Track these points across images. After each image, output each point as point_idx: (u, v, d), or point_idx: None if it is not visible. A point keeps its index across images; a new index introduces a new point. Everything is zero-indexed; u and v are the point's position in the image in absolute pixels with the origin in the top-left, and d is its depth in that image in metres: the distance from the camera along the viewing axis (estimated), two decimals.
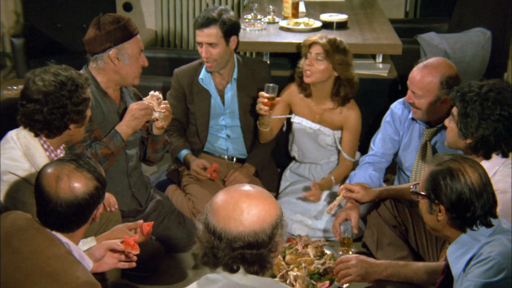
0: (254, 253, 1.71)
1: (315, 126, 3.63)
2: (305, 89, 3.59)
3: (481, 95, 2.46)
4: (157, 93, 3.04)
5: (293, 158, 3.85)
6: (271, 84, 3.40)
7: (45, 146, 2.49)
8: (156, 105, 3.01)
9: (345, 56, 3.45)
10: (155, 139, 3.18)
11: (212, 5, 3.55)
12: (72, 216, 1.97)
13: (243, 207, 1.72)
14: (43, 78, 2.44)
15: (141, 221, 2.55)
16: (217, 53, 3.45)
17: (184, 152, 3.67)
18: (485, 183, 2.04)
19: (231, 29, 3.45)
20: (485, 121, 2.45)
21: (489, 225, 2.05)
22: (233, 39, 3.49)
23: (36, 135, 2.48)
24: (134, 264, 2.34)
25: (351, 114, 3.58)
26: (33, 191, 2.02)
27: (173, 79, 3.70)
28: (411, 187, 2.23)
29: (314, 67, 3.43)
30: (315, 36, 3.49)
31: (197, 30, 3.45)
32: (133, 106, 2.96)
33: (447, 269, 2.15)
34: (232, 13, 3.49)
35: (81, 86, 2.48)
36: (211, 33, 3.41)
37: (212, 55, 3.45)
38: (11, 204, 2.39)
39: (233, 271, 1.73)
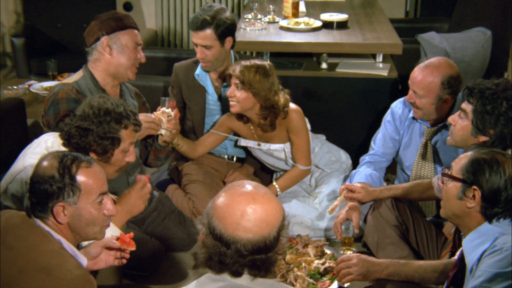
0: (263, 258, 1.68)
1: (264, 146, 3.52)
2: (241, 117, 3.48)
3: (501, 93, 2.49)
4: (169, 110, 3.02)
5: None
6: (166, 98, 3.11)
7: None
8: (164, 122, 3.00)
9: (264, 82, 3.27)
10: (160, 148, 3.18)
11: (206, 5, 3.48)
12: (31, 193, 2.00)
13: (251, 213, 1.66)
14: (94, 100, 2.46)
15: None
16: (211, 55, 3.45)
17: None
18: None
19: (225, 31, 3.42)
20: (505, 118, 2.47)
21: None
22: (228, 39, 3.46)
23: (63, 144, 2.48)
24: (125, 261, 2.31)
25: (289, 117, 3.41)
26: None
27: (172, 74, 3.70)
28: (442, 168, 2.20)
29: (236, 97, 3.31)
30: (233, 66, 3.33)
31: (192, 31, 3.44)
32: (140, 116, 2.93)
33: (460, 262, 2.15)
34: (227, 13, 3.46)
35: (118, 122, 2.44)
36: (205, 36, 3.39)
37: (206, 56, 3.45)
38: None
39: (239, 275, 1.70)
